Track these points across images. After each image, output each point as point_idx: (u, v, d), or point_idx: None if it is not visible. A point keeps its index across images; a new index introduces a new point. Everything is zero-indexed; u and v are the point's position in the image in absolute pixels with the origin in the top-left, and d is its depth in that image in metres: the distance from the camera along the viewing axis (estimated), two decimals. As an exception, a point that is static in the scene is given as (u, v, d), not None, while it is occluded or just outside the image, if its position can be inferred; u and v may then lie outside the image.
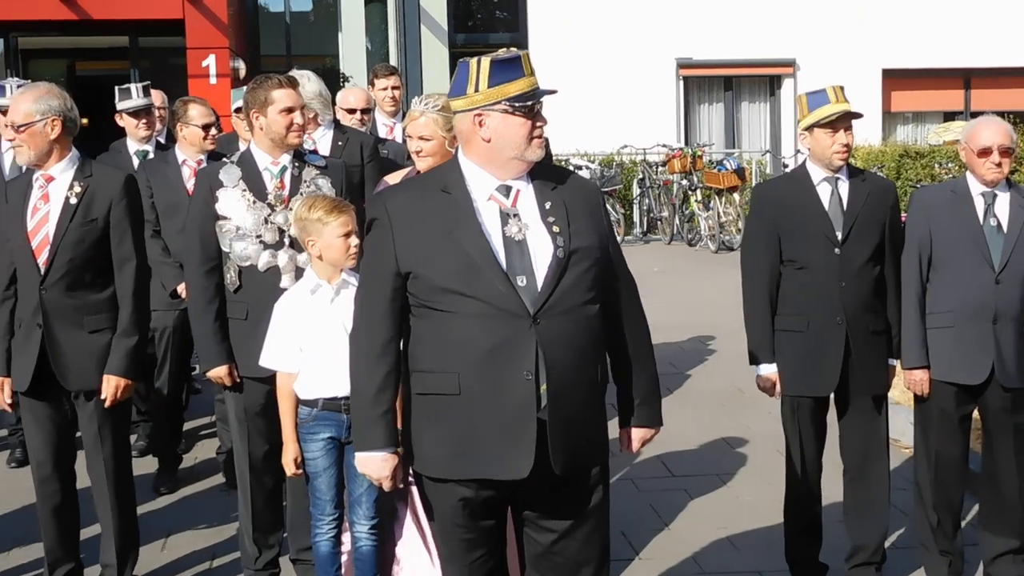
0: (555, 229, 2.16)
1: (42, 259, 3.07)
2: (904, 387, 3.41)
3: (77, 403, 3.17)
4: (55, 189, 3.10)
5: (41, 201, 3.09)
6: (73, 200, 3.06)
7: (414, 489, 2.60)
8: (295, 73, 3.94)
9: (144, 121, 4.67)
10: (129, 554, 3.28)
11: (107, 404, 3.13)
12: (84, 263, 3.08)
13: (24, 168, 4.69)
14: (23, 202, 3.11)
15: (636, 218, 12.42)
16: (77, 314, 3.09)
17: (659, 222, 12.28)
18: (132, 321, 3.12)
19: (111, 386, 3.11)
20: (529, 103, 2.15)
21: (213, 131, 4.37)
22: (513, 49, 2.19)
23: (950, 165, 11.81)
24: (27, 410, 3.17)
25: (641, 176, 12.45)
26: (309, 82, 3.97)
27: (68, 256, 3.06)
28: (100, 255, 3.11)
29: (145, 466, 4.48)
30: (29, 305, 3.10)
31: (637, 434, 2.35)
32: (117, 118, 4.76)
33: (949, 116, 14.26)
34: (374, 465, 2.20)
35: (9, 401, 3.17)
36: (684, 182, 11.67)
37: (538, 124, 2.18)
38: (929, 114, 14.53)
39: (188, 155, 4.34)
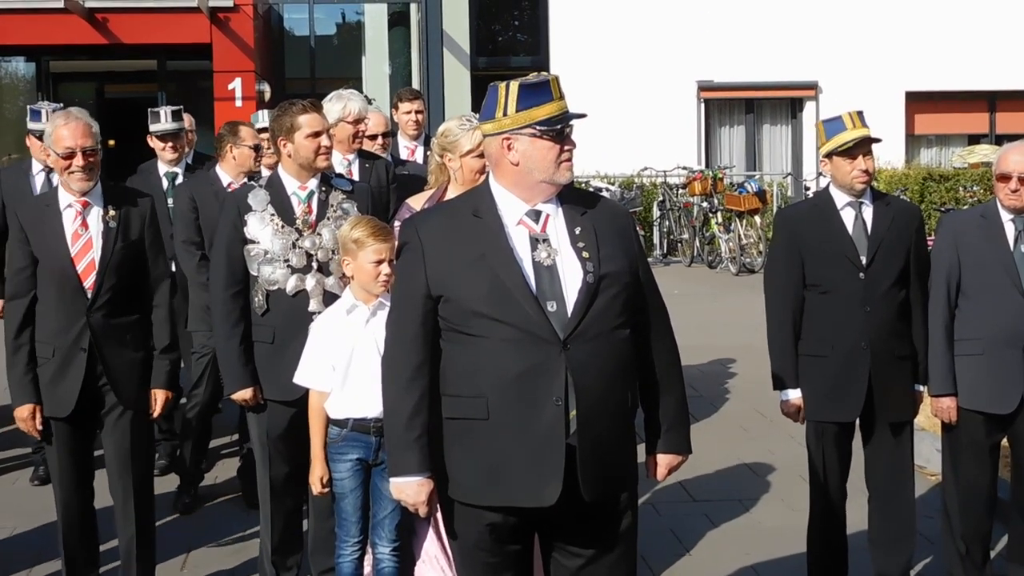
0: (585, 255, 2.16)
1: (88, 283, 3.13)
2: (931, 413, 3.36)
3: (107, 422, 3.20)
4: (92, 215, 3.17)
5: (81, 228, 3.15)
6: (112, 224, 3.16)
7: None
8: (344, 92, 4.00)
9: (171, 144, 4.75)
10: (149, 570, 3.30)
11: (155, 415, 3.26)
12: (124, 284, 3.18)
13: (39, 191, 4.78)
14: (55, 229, 3.13)
15: (656, 240, 12.41)
16: (121, 334, 3.18)
17: (679, 244, 12.26)
18: (174, 338, 3.27)
19: (160, 398, 3.24)
20: (557, 127, 2.16)
21: (262, 152, 4.42)
22: (543, 73, 2.20)
23: (975, 188, 11.73)
24: (58, 434, 3.18)
25: (661, 198, 12.45)
26: (359, 99, 4.05)
27: (114, 279, 3.15)
28: (136, 276, 3.21)
29: (166, 484, 4.50)
30: (67, 331, 3.12)
31: (664, 460, 2.34)
32: (149, 139, 4.84)
33: (974, 139, 14.17)
34: (410, 491, 2.20)
35: (40, 428, 3.17)
36: (704, 204, 11.65)
37: (567, 148, 2.19)
38: (953, 137, 14.45)
39: (233, 177, 4.39)
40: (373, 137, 4.68)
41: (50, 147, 3.14)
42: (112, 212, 3.16)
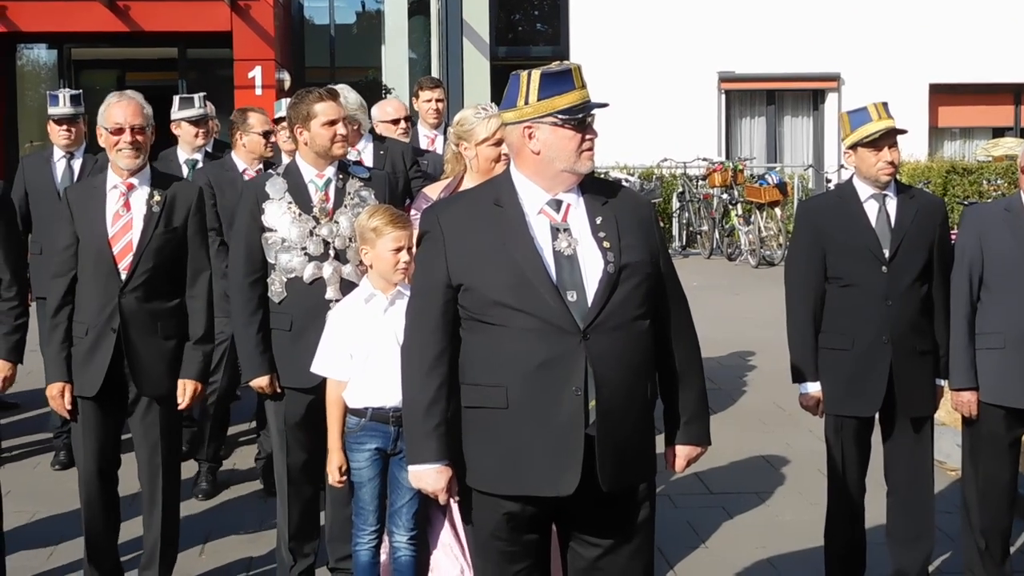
0: (605, 244, 2.16)
1: (123, 265, 3.15)
2: (951, 408, 3.33)
3: (137, 408, 3.23)
4: (136, 197, 3.19)
5: (123, 208, 3.18)
6: (155, 208, 3.18)
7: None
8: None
9: (204, 130, 4.79)
10: (171, 558, 3.33)
11: (183, 407, 3.24)
12: (162, 271, 3.18)
13: (76, 175, 4.84)
14: (98, 209, 3.17)
15: (675, 232, 12.36)
16: (152, 320, 3.19)
17: (699, 236, 12.20)
18: (209, 329, 3.26)
19: (190, 389, 3.22)
20: (579, 116, 2.15)
21: (272, 138, 4.44)
22: (566, 62, 2.19)
23: (999, 182, 11.58)
24: (84, 414, 3.21)
25: (681, 190, 12.39)
26: (351, 94, 4.01)
27: (151, 263, 3.16)
28: (174, 263, 3.22)
29: (185, 471, 4.52)
30: (101, 310, 3.15)
31: (683, 452, 2.33)
32: (173, 127, 4.86)
33: (998, 132, 13.99)
34: (429, 478, 2.20)
35: (69, 407, 3.20)
36: (724, 196, 11.59)
37: (588, 137, 2.18)
38: (977, 130, 14.28)
39: (247, 164, 4.41)
40: (396, 121, 4.68)
41: (101, 125, 3.17)
42: (157, 197, 3.17)
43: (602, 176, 10.66)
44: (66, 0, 11.42)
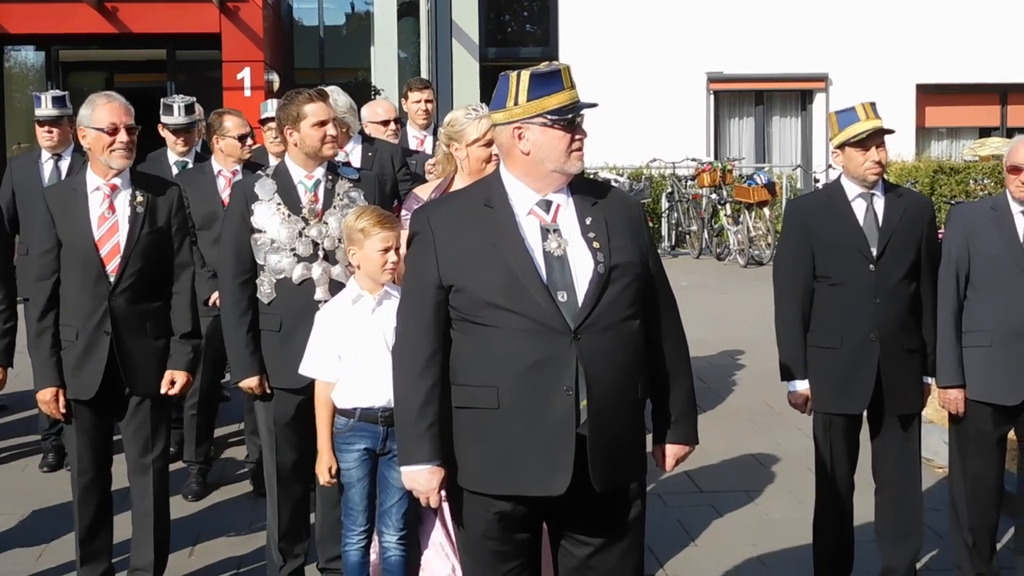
0: (595, 245, 2.17)
1: (111, 267, 3.14)
2: (938, 406, 3.36)
3: (128, 408, 3.22)
4: (120, 199, 3.18)
5: (108, 211, 3.16)
6: (139, 209, 3.17)
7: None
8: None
9: (183, 138, 4.78)
10: (162, 558, 3.33)
11: (171, 393, 3.23)
12: (148, 271, 3.18)
13: (63, 176, 4.82)
14: (81, 211, 3.15)
15: (664, 232, 12.40)
16: (141, 320, 3.19)
17: (688, 236, 12.24)
18: (196, 323, 3.28)
19: (180, 380, 3.22)
20: (568, 116, 2.16)
21: (249, 141, 4.44)
22: (555, 63, 2.20)
23: (986, 181, 11.67)
24: (79, 417, 3.19)
25: (670, 190, 12.43)
26: (340, 96, 4.01)
27: (138, 264, 3.16)
28: (160, 263, 3.22)
29: (173, 471, 4.52)
30: (91, 314, 3.13)
31: (672, 451, 2.35)
32: (160, 129, 4.85)
33: (985, 132, 14.09)
34: (421, 479, 2.20)
35: (64, 411, 3.19)
36: (713, 196, 11.63)
37: (577, 137, 2.19)
38: (964, 130, 14.37)
39: (224, 166, 4.41)
40: (385, 123, 4.69)
41: (88, 126, 3.13)
42: (140, 197, 3.17)
43: (591, 176, 10.67)
44: (54, 2, 11.37)
